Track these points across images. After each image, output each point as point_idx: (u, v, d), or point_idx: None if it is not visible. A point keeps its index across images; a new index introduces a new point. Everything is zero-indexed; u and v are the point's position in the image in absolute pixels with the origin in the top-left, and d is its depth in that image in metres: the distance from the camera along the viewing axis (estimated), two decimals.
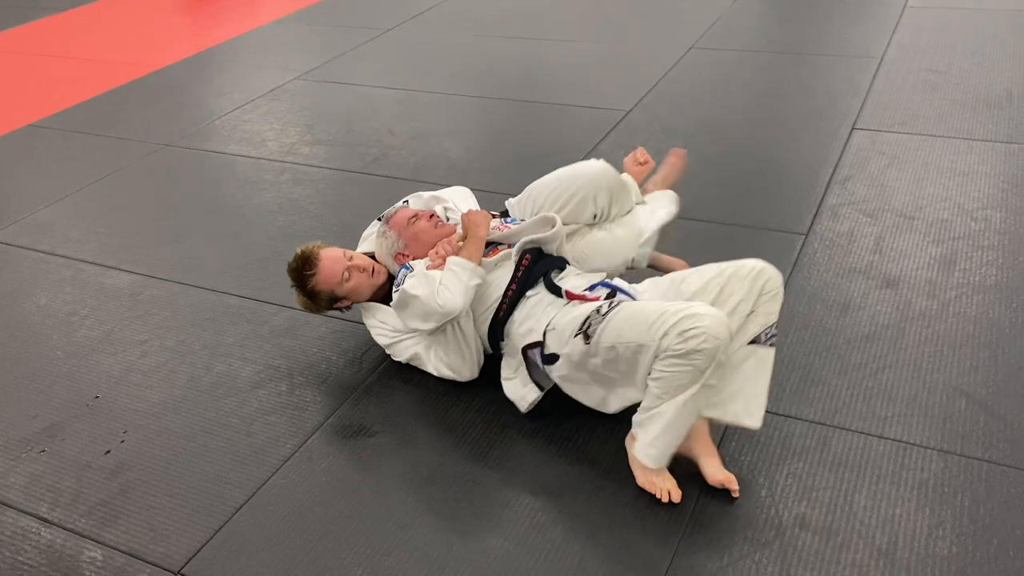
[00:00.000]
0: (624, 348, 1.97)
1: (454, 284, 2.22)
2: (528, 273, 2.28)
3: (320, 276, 2.42)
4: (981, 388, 2.24)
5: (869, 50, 4.43)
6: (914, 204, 3.07)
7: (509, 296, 2.26)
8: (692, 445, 2.04)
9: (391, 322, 2.44)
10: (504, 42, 5.11)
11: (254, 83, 4.81)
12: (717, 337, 1.86)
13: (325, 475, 2.17)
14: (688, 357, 1.86)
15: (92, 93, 4.87)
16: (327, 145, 3.99)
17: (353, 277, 2.43)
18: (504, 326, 2.28)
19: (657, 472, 2.01)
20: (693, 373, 1.88)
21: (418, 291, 2.23)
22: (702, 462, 2.03)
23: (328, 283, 2.42)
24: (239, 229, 3.35)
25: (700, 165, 3.48)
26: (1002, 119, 3.61)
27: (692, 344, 1.85)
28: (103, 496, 2.17)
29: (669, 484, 1.99)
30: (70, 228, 3.47)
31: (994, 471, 2.00)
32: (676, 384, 1.90)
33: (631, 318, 1.98)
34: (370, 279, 2.46)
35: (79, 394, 2.53)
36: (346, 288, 2.43)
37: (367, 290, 2.47)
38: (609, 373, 2.05)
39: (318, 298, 2.46)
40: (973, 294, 2.59)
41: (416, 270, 2.32)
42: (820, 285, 2.68)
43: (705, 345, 1.85)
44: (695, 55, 4.60)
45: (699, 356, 1.86)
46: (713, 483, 2.00)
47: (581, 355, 2.06)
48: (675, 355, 1.87)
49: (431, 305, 2.21)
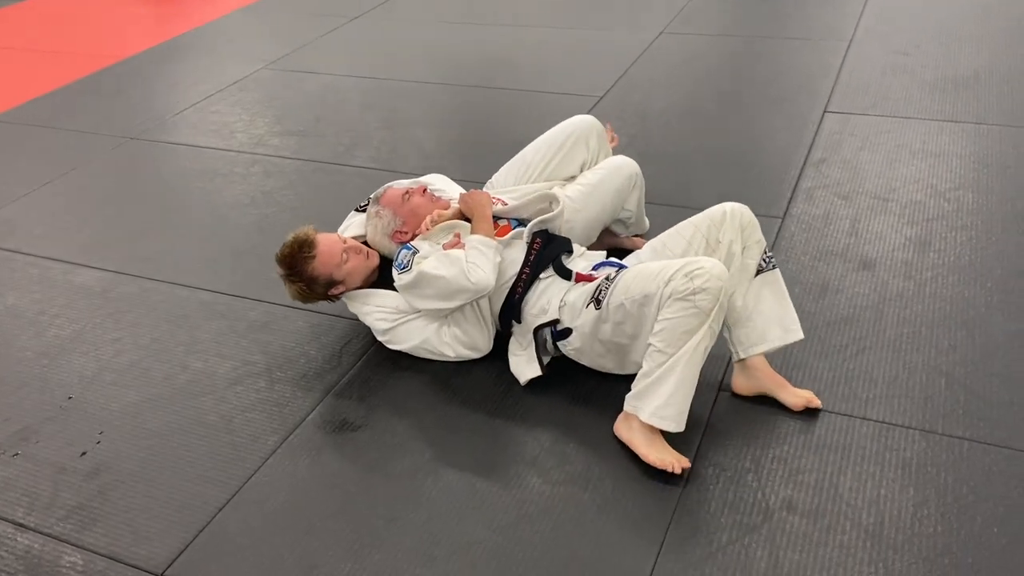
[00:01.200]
0: (631, 303, 2.05)
1: (484, 262, 2.23)
2: (540, 257, 2.32)
3: (319, 259, 2.38)
4: (959, 367, 2.26)
5: (838, 33, 4.45)
6: (888, 186, 3.10)
7: (523, 279, 2.30)
8: (762, 383, 2.16)
9: (390, 304, 2.41)
10: (474, 29, 5.07)
11: (220, 73, 4.72)
12: (720, 278, 1.95)
13: (309, 471, 2.14)
14: (693, 296, 1.94)
15: (53, 85, 4.75)
16: (297, 136, 3.93)
17: (351, 259, 2.41)
18: (519, 307, 2.30)
19: (659, 447, 2.02)
20: (699, 315, 1.94)
21: (443, 271, 2.23)
22: (779, 395, 2.15)
23: (327, 266, 2.38)
24: (210, 223, 3.29)
25: (675, 150, 3.48)
26: (970, 99, 3.65)
27: (697, 283, 1.94)
28: (81, 499, 2.12)
29: (675, 456, 2.01)
30: (34, 225, 3.39)
31: (975, 449, 2.02)
32: (682, 330, 1.95)
33: (638, 275, 2.08)
34: (366, 261, 2.44)
35: (52, 395, 2.47)
36: (344, 271, 2.40)
37: (362, 272, 2.44)
38: (619, 339, 2.13)
39: (316, 283, 2.40)
40: (948, 274, 2.61)
41: (424, 250, 2.33)
42: (798, 268, 2.70)
43: (709, 284, 1.93)
44: (665, 40, 4.59)
45: (704, 296, 1.93)
46: (797, 409, 2.14)
47: (593, 324, 2.16)
48: (680, 297, 1.95)
49: (461, 283, 2.21)
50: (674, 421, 1.99)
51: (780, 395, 2.15)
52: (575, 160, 2.67)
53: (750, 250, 2.16)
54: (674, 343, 1.96)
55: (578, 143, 2.66)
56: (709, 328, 1.97)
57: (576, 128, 2.68)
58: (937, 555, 1.79)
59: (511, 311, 2.32)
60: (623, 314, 2.08)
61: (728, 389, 2.23)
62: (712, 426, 2.14)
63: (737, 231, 2.15)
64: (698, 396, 2.08)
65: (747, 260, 2.16)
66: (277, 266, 2.42)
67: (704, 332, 1.96)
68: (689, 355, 1.96)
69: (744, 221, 2.17)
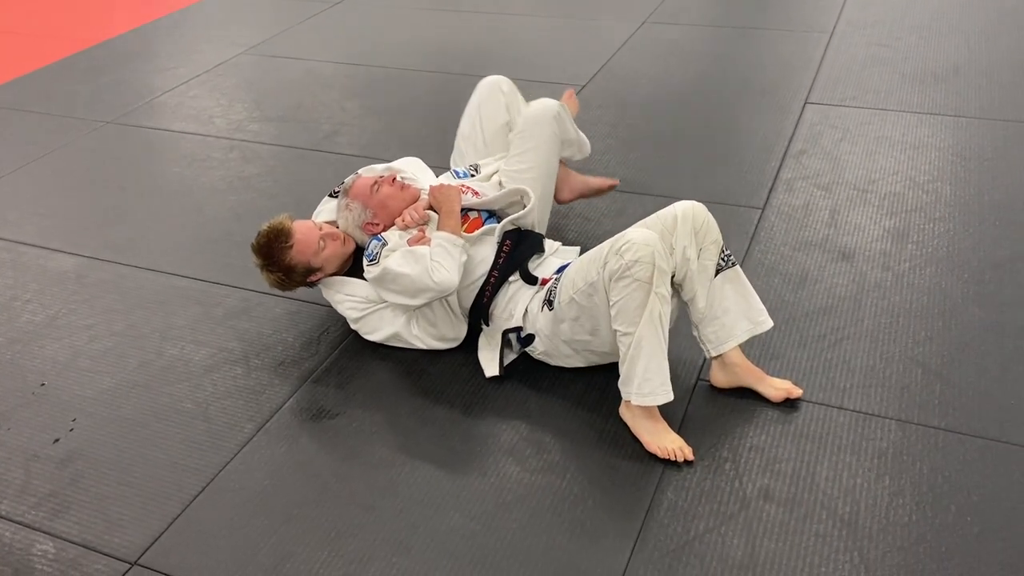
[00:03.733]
0: (579, 295, 2.06)
1: (448, 261, 2.21)
2: (509, 260, 2.31)
3: (297, 248, 2.35)
4: (936, 357, 2.28)
5: (819, 25, 4.46)
6: (867, 177, 3.11)
7: (492, 283, 2.29)
8: (740, 377, 2.16)
9: (360, 293, 2.39)
10: (457, 16, 5.03)
11: (199, 58, 4.66)
12: (647, 244, 1.95)
13: (285, 458, 2.12)
14: (629, 272, 1.94)
15: (28, 68, 4.67)
16: (277, 122, 3.89)
17: (328, 245, 2.39)
18: (488, 311, 2.30)
19: (662, 433, 2.02)
20: (642, 286, 1.94)
21: (407, 269, 2.21)
22: (758, 387, 2.15)
23: (305, 254, 2.36)
24: (187, 209, 3.26)
25: (656, 139, 3.48)
26: (950, 92, 3.67)
27: (628, 257, 1.94)
28: (53, 487, 2.09)
29: (678, 443, 2.01)
30: (7, 210, 3.33)
31: (950, 439, 2.04)
32: (633, 306, 1.96)
33: (579, 266, 2.11)
34: (342, 247, 2.42)
35: (24, 382, 2.43)
36: (322, 258, 2.38)
37: (339, 259, 2.42)
38: (579, 337, 2.13)
39: (294, 272, 2.38)
40: (926, 265, 2.63)
41: (392, 242, 2.31)
42: (777, 259, 2.70)
43: (640, 254, 1.94)
44: (648, 30, 4.58)
45: (638, 267, 1.94)
46: (777, 400, 2.13)
47: (551, 326, 2.17)
48: (619, 276, 1.96)
49: (424, 282, 2.19)
50: (659, 394, 2.00)
51: (759, 388, 2.16)
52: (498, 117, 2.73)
53: (707, 251, 2.10)
54: (632, 320, 1.96)
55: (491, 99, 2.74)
56: (656, 294, 1.96)
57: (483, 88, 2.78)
58: (912, 543, 1.80)
59: (479, 313, 2.32)
60: (576, 309, 2.09)
61: (706, 380, 2.23)
62: (690, 416, 2.14)
63: (690, 235, 2.08)
64: (676, 386, 2.08)
65: (705, 262, 2.10)
66: (253, 256, 2.39)
67: (653, 299, 1.95)
68: (649, 326, 1.96)
69: (697, 224, 2.09)
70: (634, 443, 2.06)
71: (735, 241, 2.77)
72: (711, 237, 2.11)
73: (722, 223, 2.81)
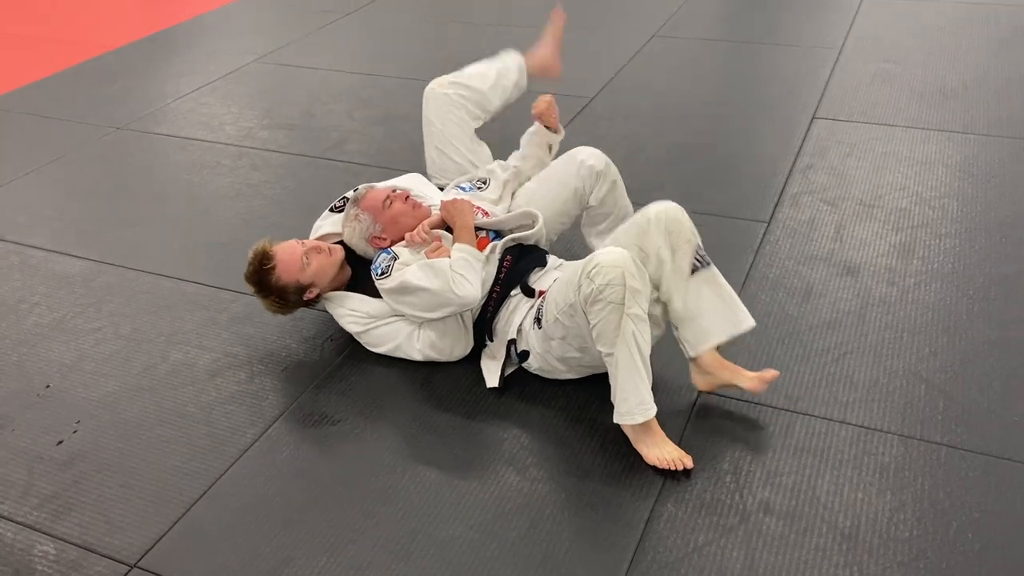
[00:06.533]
0: (563, 315, 2.07)
1: (471, 274, 2.20)
2: (510, 275, 2.31)
3: (281, 267, 2.35)
4: (940, 373, 2.27)
5: (828, 41, 4.47)
6: (874, 193, 3.11)
7: (494, 298, 2.30)
8: (718, 376, 2.13)
9: (362, 308, 2.40)
10: (464, 28, 5.06)
11: (211, 65, 4.70)
12: (616, 265, 1.94)
13: (287, 464, 2.13)
14: (602, 295, 1.95)
15: (42, 74, 4.72)
16: (286, 129, 3.92)
17: (313, 259, 2.38)
18: (491, 326, 2.31)
19: (659, 444, 2.01)
20: (614, 308, 1.95)
21: (428, 283, 2.19)
22: (736, 382, 2.12)
23: (290, 272, 2.36)
24: (196, 215, 3.28)
25: (663, 152, 3.49)
26: (958, 109, 3.67)
27: (598, 281, 1.95)
28: (55, 488, 2.10)
29: (676, 453, 2.01)
30: (17, 213, 3.36)
31: (953, 455, 2.03)
32: (610, 328, 1.96)
33: (560, 287, 2.10)
34: (329, 258, 2.41)
35: (29, 383, 2.45)
36: (309, 273, 2.37)
37: (329, 270, 2.41)
38: (570, 354, 2.14)
39: (286, 293, 2.38)
40: (931, 281, 2.62)
41: (403, 256, 2.30)
42: (782, 272, 2.70)
43: (608, 276, 1.93)
44: (657, 43, 4.60)
45: (609, 289, 1.94)
46: (757, 391, 2.10)
47: (542, 343, 2.18)
48: (592, 300, 1.96)
49: (447, 296, 2.18)
50: (636, 413, 1.99)
51: (737, 382, 2.12)
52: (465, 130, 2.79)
53: (680, 251, 2.09)
54: (611, 341, 1.97)
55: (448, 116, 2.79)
56: (629, 315, 1.95)
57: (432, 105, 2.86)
58: (912, 559, 1.79)
59: (483, 328, 2.32)
60: (562, 329, 2.09)
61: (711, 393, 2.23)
62: (691, 428, 2.14)
63: (663, 235, 2.07)
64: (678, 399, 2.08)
65: (679, 263, 2.09)
66: (248, 286, 2.42)
67: (626, 320, 1.95)
68: (623, 347, 1.96)
69: (669, 224, 2.08)
70: (635, 454, 2.06)
71: (740, 254, 2.77)
72: (684, 236, 2.09)
73: (727, 236, 2.86)
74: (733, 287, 2.19)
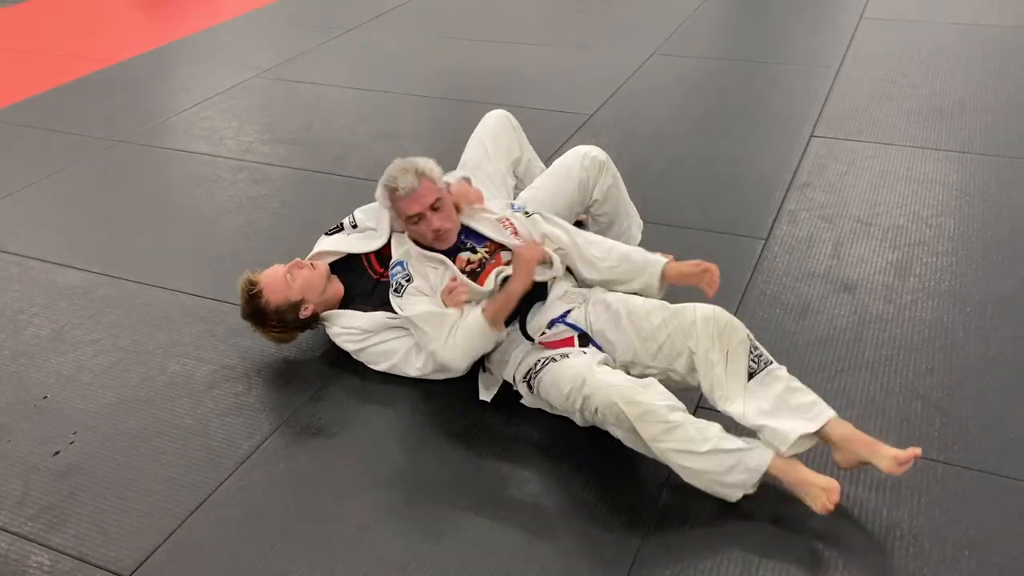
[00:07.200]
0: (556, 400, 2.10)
1: (465, 346, 2.18)
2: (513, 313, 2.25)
3: (267, 290, 2.37)
4: (936, 390, 2.27)
5: (826, 60, 4.50)
6: (871, 210, 3.12)
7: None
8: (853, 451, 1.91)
9: (356, 324, 2.40)
10: (467, 44, 5.09)
11: (213, 80, 4.73)
12: (609, 401, 1.93)
13: (283, 477, 2.12)
14: (605, 422, 1.99)
15: (45, 87, 4.75)
16: (287, 144, 3.94)
17: (296, 275, 2.40)
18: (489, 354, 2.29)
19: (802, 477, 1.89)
20: (630, 431, 1.95)
21: (426, 327, 2.21)
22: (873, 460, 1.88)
23: (278, 291, 2.37)
24: (196, 227, 3.29)
25: (662, 167, 3.50)
26: (955, 129, 3.69)
27: (599, 418, 1.99)
28: (51, 499, 2.10)
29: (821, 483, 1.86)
30: (18, 224, 3.37)
31: (949, 472, 2.03)
32: (640, 444, 1.97)
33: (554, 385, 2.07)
34: (312, 272, 2.43)
35: (27, 394, 2.45)
36: (297, 289, 2.38)
37: (316, 283, 2.42)
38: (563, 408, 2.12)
39: (282, 313, 2.39)
40: (928, 299, 2.63)
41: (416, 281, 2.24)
42: (779, 289, 2.71)
43: (604, 411, 1.96)
44: (656, 61, 4.63)
45: (610, 416, 1.96)
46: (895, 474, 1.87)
47: (531, 399, 2.20)
48: (599, 423, 2.02)
49: (434, 348, 2.20)
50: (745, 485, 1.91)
51: (874, 461, 1.88)
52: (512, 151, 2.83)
53: (734, 354, 1.95)
54: (644, 448, 1.97)
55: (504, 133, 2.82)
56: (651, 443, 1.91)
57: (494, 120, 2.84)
58: None
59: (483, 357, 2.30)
60: (554, 402, 2.12)
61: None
62: None
63: (712, 339, 1.96)
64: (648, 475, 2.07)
65: (734, 366, 1.95)
66: (247, 323, 2.44)
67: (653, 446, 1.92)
68: (662, 452, 1.92)
69: (720, 327, 1.96)
70: (632, 473, 2.06)
71: (738, 270, 2.78)
72: (737, 338, 1.96)
73: (725, 252, 2.86)
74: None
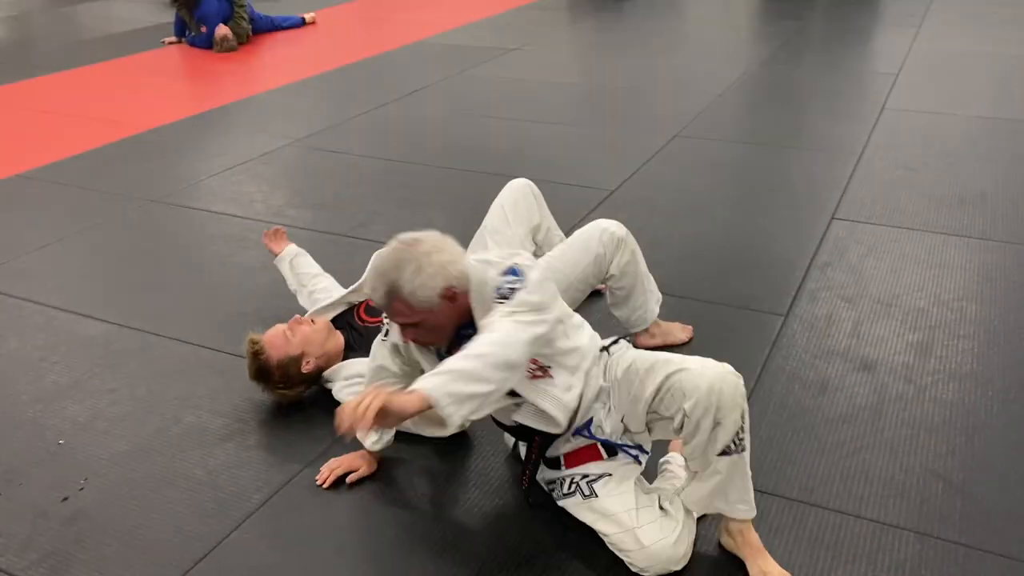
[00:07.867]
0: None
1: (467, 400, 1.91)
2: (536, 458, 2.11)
3: (268, 347, 2.44)
4: (958, 472, 2.22)
5: (848, 147, 4.56)
6: (891, 292, 3.12)
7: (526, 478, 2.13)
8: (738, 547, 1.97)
9: (357, 370, 2.43)
10: (494, 122, 5.22)
11: (246, 147, 4.86)
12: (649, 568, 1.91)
13: (289, 531, 2.10)
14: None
15: (84, 148, 4.90)
16: (314, 208, 4.02)
17: (296, 330, 2.47)
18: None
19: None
20: None
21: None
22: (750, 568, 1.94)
23: (279, 348, 2.44)
24: (220, 284, 3.34)
25: (682, 243, 3.53)
26: (976, 216, 3.70)
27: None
28: (56, 544, 2.08)
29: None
30: (48, 276, 3.44)
31: (971, 555, 1.97)
32: None
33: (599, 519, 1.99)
34: (312, 326, 2.50)
35: (42, 439, 2.46)
36: (296, 343, 2.44)
37: (315, 337, 2.48)
38: None
39: (285, 369, 2.44)
40: (949, 380, 2.60)
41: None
42: (798, 365, 2.69)
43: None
44: (679, 143, 4.71)
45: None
46: None
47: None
48: None
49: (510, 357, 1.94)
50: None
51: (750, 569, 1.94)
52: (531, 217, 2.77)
53: (722, 428, 1.84)
54: None
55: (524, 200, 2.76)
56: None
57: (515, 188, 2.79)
58: None
59: None
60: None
61: None
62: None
63: (710, 407, 1.82)
64: None
65: (716, 437, 1.85)
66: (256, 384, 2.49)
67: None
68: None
69: (724, 400, 1.82)
70: None
71: (756, 346, 2.77)
72: (732, 417, 1.84)
73: (744, 328, 2.86)
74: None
